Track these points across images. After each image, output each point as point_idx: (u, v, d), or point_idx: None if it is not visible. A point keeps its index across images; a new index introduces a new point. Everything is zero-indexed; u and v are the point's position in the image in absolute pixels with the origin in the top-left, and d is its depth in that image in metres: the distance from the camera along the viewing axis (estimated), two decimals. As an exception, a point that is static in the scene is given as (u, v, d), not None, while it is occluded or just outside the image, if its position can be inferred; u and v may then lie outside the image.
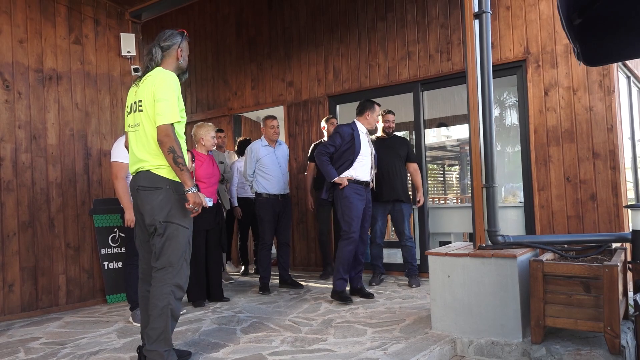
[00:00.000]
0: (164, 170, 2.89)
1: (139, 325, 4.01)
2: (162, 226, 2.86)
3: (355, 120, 4.82)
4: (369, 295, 4.74)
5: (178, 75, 3.11)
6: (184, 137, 3.03)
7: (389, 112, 5.56)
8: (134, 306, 4.17)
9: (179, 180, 2.89)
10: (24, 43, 4.75)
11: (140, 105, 2.93)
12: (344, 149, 4.65)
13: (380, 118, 5.38)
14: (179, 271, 2.89)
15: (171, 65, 3.07)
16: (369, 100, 4.90)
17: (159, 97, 2.84)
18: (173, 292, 2.85)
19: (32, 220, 4.66)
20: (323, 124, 5.87)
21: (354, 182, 4.62)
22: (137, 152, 2.96)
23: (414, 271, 5.36)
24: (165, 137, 2.81)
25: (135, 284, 4.18)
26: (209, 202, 4.57)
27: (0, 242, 4.45)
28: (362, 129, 4.75)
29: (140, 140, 2.94)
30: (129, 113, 3.04)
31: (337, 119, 6.41)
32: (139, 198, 2.94)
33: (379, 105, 4.90)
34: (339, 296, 4.57)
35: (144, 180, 2.91)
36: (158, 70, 2.98)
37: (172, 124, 2.84)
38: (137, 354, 3.08)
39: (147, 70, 3.02)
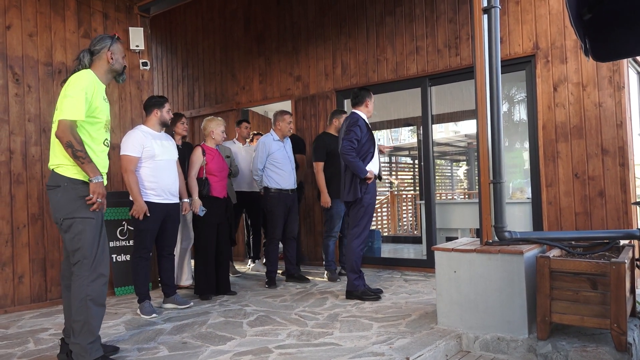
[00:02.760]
0: (62, 169, 2.88)
1: (147, 317, 4.07)
2: (66, 223, 2.87)
3: (355, 111, 4.68)
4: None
5: (115, 78, 3.13)
6: (104, 137, 3.02)
7: (343, 112, 5.80)
8: (142, 298, 4.21)
9: (78, 178, 2.88)
10: (33, 37, 4.78)
11: (57, 107, 2.93)
12: (363, 141, 4.50)
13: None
14: (95, 260, 2.87)
15: (102, 68, 3.05)
16: (363, 88, 4.81)
17: (64, 93, 2.85)
18: (93, 281, 2.84)
19: (41, 212, 4.71)
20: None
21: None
22: (50, 152, 2.98)
23: None
24: (61, 132, 2.79)
25: (143, 277, 4.23)
26: (200, 212, 4.63)
27: (10, 234, 4.51)
28: (365, 118, 4.66)
29: (52, 140, 2.95)
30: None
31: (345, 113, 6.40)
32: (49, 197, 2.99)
33: None
34: (364, 294, 4.49)
35: (49, 180, 2.94)
36: (79, 72, 2.97)
37: (74, 121, 2.81)
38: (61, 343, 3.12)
39: (73, 73, 3.00)
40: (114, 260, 5.13)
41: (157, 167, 4.20)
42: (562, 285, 3.07)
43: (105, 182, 3.16)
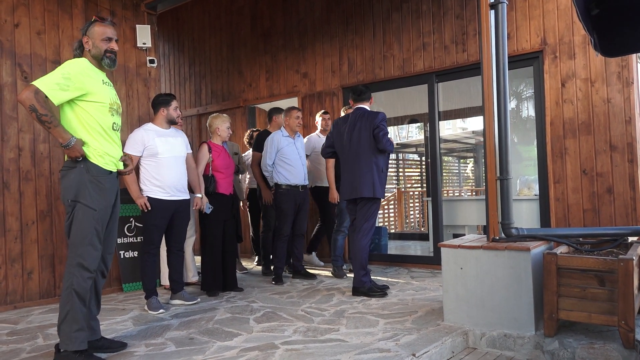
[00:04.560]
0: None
1: (154, 313, 4.10)
2: (70, 205, 2.88)
3: (362, 106, 4.70)
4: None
5: (101, 64, 3.02)
6: (112, 121, 3.00)
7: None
8: (149, 294, 4.24)
9: (95, 163, 2.89)
10: (41, 35, 4.81)
11: None
12: None
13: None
14: (83, 252, 2.87)
15: (87, 55, 3.00)
16: (365, 85, 4.87)
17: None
18: (76, 272, 2.86)
19: (50, 209, 4.74)
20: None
21: None
22: None
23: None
24: (24, 96, 2.68)
25: (151, 273, 4.26)
26: (207, 209, 4.64)
27: (19, 231, 4.55)
28: None
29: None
30: None
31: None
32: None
33: None
34: (370, 291, 4.50)
35: (65, 163, 2.93)
36: (73, 58, 2.98)
37: (41, 91, 2.70)
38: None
39: None
40: (122, 256, 5.17)
41: (160, 165, 4.23)
42: (569, 282, 3.06)
43: (120, 167, 3.13)
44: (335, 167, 5.41)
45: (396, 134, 18.59)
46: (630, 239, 3.54)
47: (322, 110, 6.21)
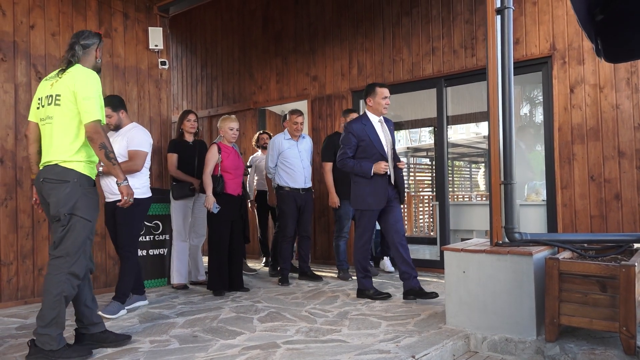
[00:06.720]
0: (74, 164, 2.97)
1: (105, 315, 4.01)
2: (66, 218, 2.94)
3: (365, 111, 4.63)
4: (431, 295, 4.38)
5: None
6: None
7: (352, 110, 5.76)
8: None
9: (87, 174, 3.00)
10: (56, 36, 4.92)
11: (58, 100, 2.97)
12: (362, 145, 4.42)
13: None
14: (77, 261, 2.95)
15: (89, 63, 3.15)
16: (370, 84, 4.69)
17: (84, 95, 2.93)
18: (68, 280, 2.92)
19: (61, 207, 4.83)
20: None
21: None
22: (48, 146, 3.01)
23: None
24: (95, 134, 2.91)
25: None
26: (214, 209, 4.68)
27: (30, 228, 4.64)
28: (373, 118, 4.51)
29: (54, 134, 2.98)
30: (42, 106, 3.05)
31: (359, 114, 6.41)
32: (44, 190, 3.01)
33: (382, 86, 4.53)
34: (371, 294, 4.51)
35: (50, 174, 2.97)
36: (78, 67, 3.05)
37: (99, 121, 2.94)
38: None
39: (68, 65, 3.06)
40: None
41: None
42: (571, 288, 3.05)
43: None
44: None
45: (408, 137, 18.57)
46: (636, 245, 3.52)
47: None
